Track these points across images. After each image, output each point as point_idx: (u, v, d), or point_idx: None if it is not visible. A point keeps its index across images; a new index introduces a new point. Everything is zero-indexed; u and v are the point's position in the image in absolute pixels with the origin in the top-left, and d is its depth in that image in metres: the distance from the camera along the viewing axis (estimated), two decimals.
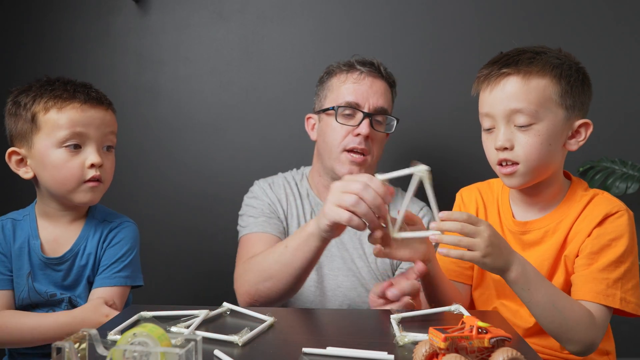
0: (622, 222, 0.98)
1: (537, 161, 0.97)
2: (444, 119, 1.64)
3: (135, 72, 1.69)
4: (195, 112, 1.69)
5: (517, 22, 1.62)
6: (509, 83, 0.98)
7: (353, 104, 1.25)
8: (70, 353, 0.57)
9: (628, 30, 1.60)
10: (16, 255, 1.09)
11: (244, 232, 1.28)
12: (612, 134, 1.61)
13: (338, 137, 1.25)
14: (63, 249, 1.09)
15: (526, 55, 1.00)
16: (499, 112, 0.98)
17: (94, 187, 1.06)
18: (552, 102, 0.98)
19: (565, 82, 0.99)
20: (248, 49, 1.68)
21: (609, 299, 0.94)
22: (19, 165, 1.08)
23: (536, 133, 0.97)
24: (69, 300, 1.09)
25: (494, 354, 0.59)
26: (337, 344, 0.70)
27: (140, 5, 1.67)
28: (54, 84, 1.06)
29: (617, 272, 0.95)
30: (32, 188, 1.12)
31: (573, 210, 1.02)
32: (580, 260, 0.99)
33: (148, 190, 1.69)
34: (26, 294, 1.08)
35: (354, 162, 1.24)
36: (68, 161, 1.04)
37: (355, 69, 1.28)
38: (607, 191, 1.49)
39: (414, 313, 0.84)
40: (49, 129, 1.03)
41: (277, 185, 1.35)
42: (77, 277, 1.10)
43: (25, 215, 1.12)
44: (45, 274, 1.09)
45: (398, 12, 1.64)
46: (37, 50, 1.68)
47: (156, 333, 0.58)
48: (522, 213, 1.08)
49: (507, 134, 0.98)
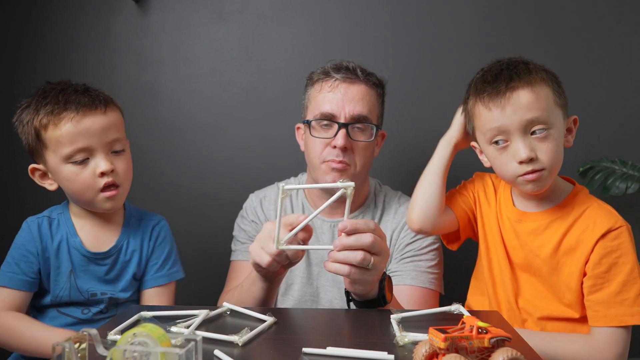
0: (625, 238, 1.03)
1: (558, 164, 1.04)
2: (444, 119, 1.64)
3: (135, 72, 1.69)
4: (195, 112, 1.69)
5: (517, 22, 1.61)
6: (519, 95, 1.01)
7: (328, 115, 1.20)
8: (70, 353, 0.57)
9: (628, 31, 1.60)
10: (54, 254, 1.09)
11: (232, 257, 1.35)
12: (612, 134, 1.61)
13: (317, 150, 1.22)
14: (106, 246, 1.12)
15: (520, 67, 1.04)
16: (514, 125, 1.01)
17: (112, 196, 1.07)
18: (556, 105, 1.03)
19: (555, 84, 1.05)
20: (248, 49, 1.68)
21: (634, 318, 1.00)
22: (43, 179, 1.10)
23: (553, 138, 1.01)
24: (109, 301, 1.11)
25: (493, 354, 0.59)
26: (337, 344, 0.70)
27: (140, 5, 1.67)
28: (48, 97, 1.04)
29: (635, 290, 1.01)
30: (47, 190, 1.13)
31: (570, 213, 1.07)
32: (590, 280, 1.03)
33: (148, 190, 1.69)
34: (67, 291, 1.09)
35: (335, 170, 1.20)
36: (78, 174, 1.04)
37: (329, 76, 1.22)
38: (607, 191, 1.51)
39: (414, 313, 0.84)
40: (54, 146, 1.03)
41: (268, 201, 1.35)
42: (120, 272, 1.13)
43: (60, 214, 1.13)
44: (87, 270, 1.10)
45: (398, 12, 1.64)
46: (37, 50, 1.68)
47: (156, 333, 0.58)
48: (522, 203, 1.14)
49: (528, 145, 1.01)
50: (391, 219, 1.29)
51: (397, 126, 1.66)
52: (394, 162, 1.66)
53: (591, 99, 1.58)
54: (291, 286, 1.30)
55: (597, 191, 1.57)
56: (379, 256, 0.87)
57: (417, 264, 1.22)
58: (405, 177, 1.65)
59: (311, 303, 1.29)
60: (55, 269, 1.09)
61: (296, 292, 1.30)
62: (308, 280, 1.29)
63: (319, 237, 1.30)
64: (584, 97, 1.58)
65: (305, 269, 1.29)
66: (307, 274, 1.29)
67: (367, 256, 0.85)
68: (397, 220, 1.28)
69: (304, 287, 1.29)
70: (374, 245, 0.85)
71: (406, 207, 1.29)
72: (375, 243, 0.85)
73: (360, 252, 0.84)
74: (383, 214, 1.30)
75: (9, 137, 1.09)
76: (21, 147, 1.10)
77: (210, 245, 1.68)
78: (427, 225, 1.16)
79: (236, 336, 0.73)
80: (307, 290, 1.29)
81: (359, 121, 1.21)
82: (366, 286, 0.89)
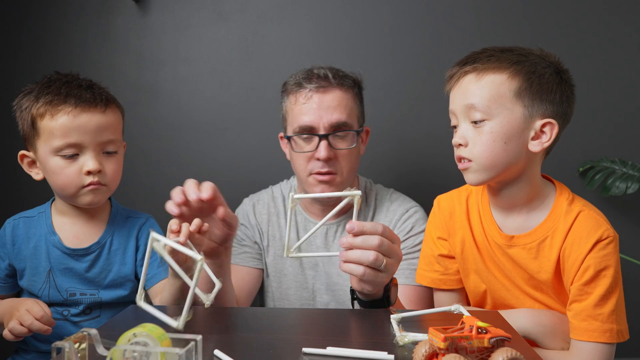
0: (610, 249, 0.96)
1: (489, 159, 0.96)
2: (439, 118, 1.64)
3: (135, 72, 1.69)
4: (195, 112, 1.69)
5: (516, 22, 1.62)
6: (466, 80, 0.99)
7: (307, 128, 1.19)
8: (70, 353, 0.57)
9: (628, 31, 1.60)
10: (31, 255, 1.08)
11: None
12: (612, 134, 1.61)
13: (302, 163, 1.22)
14: (88, 242, 1.10)
15: (487, 53, 1.00)
16: (457, 108, 1.00)
17: (95, 189, 1.04)
18: (507, 99, 0.95)
19: (523, 79, 0.96)
20: (248, 49, 1.68)
21: (605, 335, 0.95)
22: (31, 167, 1.09)
23: (489, 130, 0.96)
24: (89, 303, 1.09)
25: (493, 354, 0.59)
26: (337, 344, 0.70)
27: (140, 5, 1.67)
28: (51, 86, 1.03)
29: (609, 305, 0.96)
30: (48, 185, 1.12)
31: (560, 228, 0.99)
32: (574, 289, 0.98)
33: (148, 190, 1.69)
34: (46, 291, 1.08)
35: (323, 182, 1.20)
36: (65, 168, 1.03)
37: (302, 87, 1.20)
38: (607, 191, 1.51)
39: (414, 313, 0.84)
40: (46, 136, 1.02)
41: (261, 205, 1.35)
42: (102, 271, 1.10)
43: (41, 213, 1.12)
44: (67, 268, 1.08)
45: (397, 12, 1.64)
46: (37, 50, 1.68)
47: (156, 333, 0.58)
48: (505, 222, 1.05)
49: (463, 131, 0.99)
50: (383, 217, 1.29)
51: (396, 127, 1.66)
52: (391, 162, 1.66)
53: (591, 99, 1.58)
54: (286, 291, 1.31)
55: (597, 191, 1.57)
56: (391, 258, 0.87)
57: (410, 262, 1.22)
58: (398, 176, 1.65)
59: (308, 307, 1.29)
60: (33, 269, 1.08)
61: (292, 297, 1.30)
62: (303, 284, 1.30)
63: (312, 241, 1.30)
64: (584, 97, 1.58)
65: (299, 273, 1.30)
66: (302, 278, 1.30)
67: (379, 257, 0.84)
68: (389, 218, 1.28)
69: (299, 291, 1.30)
70: (381, 247, 0.84)
71: (398, 204, 1.29)
72: (383, 245, 0.84)
73: (373, 252, 0.83)
74: (375, 212, 1.30)
75: (9, 138, 1.08)
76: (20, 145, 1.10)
77: None
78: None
79: (175, 322, 0.69)
80: (303, 294, 1.30)
81: (339, 128, 1.20)
82: (375, 287, 0.89)
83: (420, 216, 1.27)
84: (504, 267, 1.05)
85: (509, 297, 1.07)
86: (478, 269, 1.09)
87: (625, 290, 1.01)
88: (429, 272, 1.14)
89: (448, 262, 1.13)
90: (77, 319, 1.09)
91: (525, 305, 1.06)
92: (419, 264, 1.17)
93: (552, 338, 1.00)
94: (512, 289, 1.06)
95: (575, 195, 1.04)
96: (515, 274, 1.05)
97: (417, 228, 1.26)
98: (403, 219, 1.27)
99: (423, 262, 1.16)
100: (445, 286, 1.13)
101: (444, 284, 1.13)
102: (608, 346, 0.96)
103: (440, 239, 1.13)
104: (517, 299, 1.06)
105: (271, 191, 1.37)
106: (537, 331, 1.00)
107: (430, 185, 1.62)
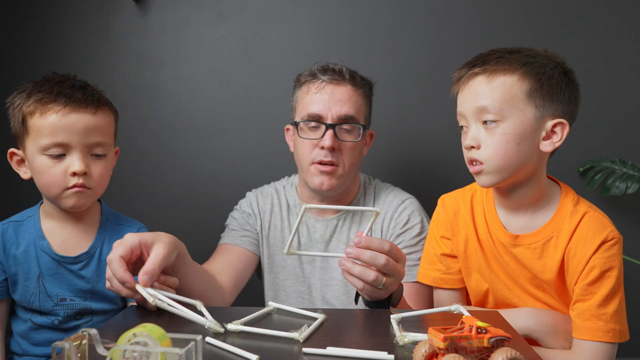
0: (615, 250, 0.97)
1: (502, 160, 0.96)
2: (439, 118, 1.64)
3: (135, 72, 1.69)
4: (195, 112, 1.69)
5: (516, 22, 1.62)
6: (475, 82, 0.99)
7: (315, 116, 1.23)
8: (70, 353, 0.57)
9: (628, 31, 1.60)
10: (22, 260, 1.06)
11: (220, 241, 1.36)
12: (612, 134, 1.61)
13: (306, 151, 1.25)
14: (77, 250, 1.07)
15: (496, 54, 1.00)
16: (467, 110, 0.99)
17: (79, 192, 1.02)
18: (519, 100, 0.96)
19: (534, 80, 0.96)
20: (248, 49, 1.68)
21: (609, 335, 0.96)
22: (19, 165, 1.07)
23: (501, 132, 0.96)
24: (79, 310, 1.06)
25: (493, 354, 0.59)
26: (337, 344, 0.70)
27: (140, 5, 1.67)
28: (44, 85, 1.02)
29: (612, 306, 0.97)
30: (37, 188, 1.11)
31: (565, 229, 1.00)
32: (578, 289, 0.98)
33: (148, 190, 1.69)
34: (37, 296, 1.05)
35: (324, 172, 1.23)
36: (50, 167, 1.01)
37: (316, 78, 1.25)
38: (607, 191, 1.51)
39: (414, 313, 0.84)
40: (35, 134, 1.01)
41: (264, 196, 1.38)
42: (89, 282, 1.07)
43: (29, 217, 1.09)
44: (57, 274, 1.06)
45: (397, 12, 1.64)
46: (37, 50, 1.68)
47: (156, 333, 0.58)
48: (510, 221, 1.05)
49: (475, 133, 0.98)
50: (381, 205, 1.32)
51: (396, 128, 1.66)
52: (394, 164, 1.66)
53: (591, 99, 1.58)
54: (284, 282, 1.33)
55: (597, 191, 1.57)
56: (392, 277, 0.89)
57: (408, 257, 1.23)
58: (398, 176, 1.65)
59: (303, 300, 1.32)
60: (25, 274, 1.05)
61: (289, 288, 1.33)
62: (300, 277, 1.33)
63: (312, 235, 1.32)
64: (584, 97, 1.57)
65: (297, 266, 1.32)
66: (300, 271, 1.33)
67: (379, 277, 0.88)
68: (385, 208, 1.31)
69: (296, 284, 1.33)
70: (386, 267, 0.87)
71: (394, 196, 1.32)
72: (388, 265, 0.87)
73: (374, 273, 0.87)
74: (374, 203, 1.33)
75: (8, 138, 1.08)
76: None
77: (210, 245, 1.66)
78: None
79: (296, 333, 0.73)
80: (300, 287, 1.32)
81: (346, 121, 1.23)
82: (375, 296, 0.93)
83: (415, 207, 1.30)
84: (507, 266, 1.06)
85: (511, 297, 1.07)
86: (480, 268, 1.09)
87: (625, 291, 1.01)
88: (431, 270, 1.15)
89: (450, 261, 1.13)
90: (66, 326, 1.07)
91: (527, 305, 1.06)
92: (421, 263, 1.18)
93: (554, 337, 1.01)
94: (514, 288, 1.07)
95: (580, 197, 1.04)
96: (518, 273, 1.05)
97: (413, 220, 1.28)
98: (399, 211, 1.29)
99: (425, 260, 1.17)
100: (446, 285, 1.14)
101: (445, 283, 1.14)
102: (610, 345, 0.97)
103: (443, 238, 1.14)
104: (520, 298, 1.07)
105: (274, 185, 1.42)
106: (540, 330, 1.01)
107: (430, 185, 1.62)
